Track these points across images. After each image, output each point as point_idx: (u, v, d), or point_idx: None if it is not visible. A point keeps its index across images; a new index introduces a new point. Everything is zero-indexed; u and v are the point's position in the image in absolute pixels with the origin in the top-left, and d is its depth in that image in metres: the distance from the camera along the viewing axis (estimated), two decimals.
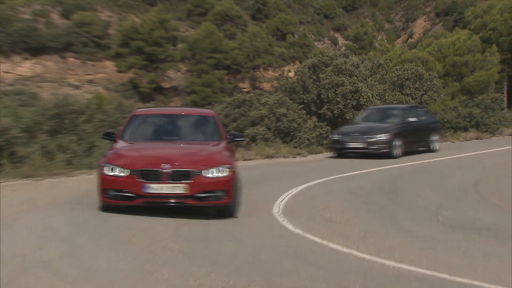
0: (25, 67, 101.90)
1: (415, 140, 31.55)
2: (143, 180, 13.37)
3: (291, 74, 46.38)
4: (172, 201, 13.62)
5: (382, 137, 29.07)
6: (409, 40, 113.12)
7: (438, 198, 18.66)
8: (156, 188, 13.39)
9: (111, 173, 13.57)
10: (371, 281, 9.36)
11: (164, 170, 13.50)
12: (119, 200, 13.57)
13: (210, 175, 13.78)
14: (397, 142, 29.20)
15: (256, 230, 12.81)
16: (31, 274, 8.66)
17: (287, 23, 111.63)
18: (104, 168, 13.69)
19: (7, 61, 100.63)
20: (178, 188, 13.52)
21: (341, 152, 30.16)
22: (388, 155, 28.88)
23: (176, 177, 13.56)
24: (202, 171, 13.75)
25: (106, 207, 13.81)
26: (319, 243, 11.83)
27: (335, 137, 30.48)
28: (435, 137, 33.04)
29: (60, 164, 20.74)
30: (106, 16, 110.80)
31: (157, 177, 13.48)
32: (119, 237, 11.22)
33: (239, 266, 9.73)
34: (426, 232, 13.72)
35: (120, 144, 15.46)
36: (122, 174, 13.50)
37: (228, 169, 14.04)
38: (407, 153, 30.02)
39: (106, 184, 13.63)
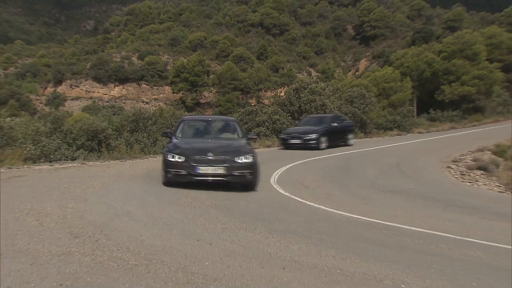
0: (116, 91, 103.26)
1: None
2: None
3: (282, 94, 46.40)
4: None
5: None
6: (356, 73, 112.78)
7: (374, 172, 18.62)
8: None
9: None
10: (333, 225, 9.35)
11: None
12: None
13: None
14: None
15: (259, 193, 12.72)
16: (119, 219, 8.65)
17: (279, 61, 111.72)
18: None
19: (105, 87, 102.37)
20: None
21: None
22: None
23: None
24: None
25: None
26: (300, 201, 11.78)
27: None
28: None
29: (137, 151, 20.74)
30: (166, 58, 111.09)
31: None
32: (173, 198, 11.15)
33: (249, 216, 9.69)
34: (367, 194, 13.70)
35: None
36: None
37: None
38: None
39: None
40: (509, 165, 21.19)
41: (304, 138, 27.43)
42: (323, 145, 27.85)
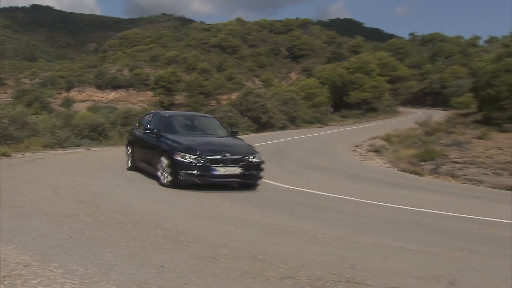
0: (111, 95, 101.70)
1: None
2: None
3: (235, 97, 46.09)
4: None
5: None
6: (289, 82, 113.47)
7: (301, 154, 18.74)
8: None
9: None
10: (272, 193, 9.36)
11: None
12: None
13: None
14: None
15: None
16: (113, 190, 8.52)
17: (232, 73, 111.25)
18: None
19: (103, 92, 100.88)
20: None
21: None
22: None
23: None
24: None
25: None
26: None
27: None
28: None
29: (126, 140, 20.34)
30: (148, 70, 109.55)
31: None
32: (134, 177, 10.99)
33: (210, 187, 9.56)
34: (296, 170, 13.78)
35: None
36: None
37: None
38: None
39: None
40: (393, 148, 21.73)
41: (242, 162, 9.17)
42: None
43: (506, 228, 7.41)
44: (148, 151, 10.31)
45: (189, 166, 8.78)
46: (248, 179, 9.33)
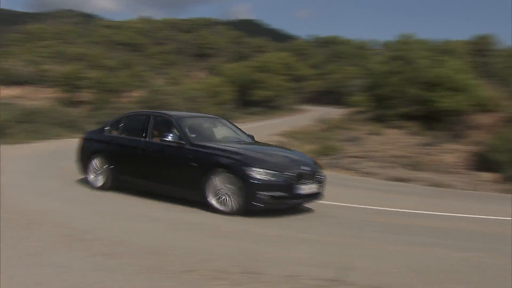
0: (15, 91, 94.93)
1: None
2: None
3: (142, 94, 45.05)
4: None
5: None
6: (195, 80, 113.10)
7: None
8: None
9: None
10: None
11: None
12: None
13: None
14: None
15: None
16: (16, 189, 8.02)
17: (139, 70, 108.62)
18: None
19: (7, 88, 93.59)
20: None
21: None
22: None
23: None
24: None
25: None
26: None
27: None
28: None
29: (30, 137, 19.14)
30: (53, 67, 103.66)
31: None
32: (58, 173, 10.45)
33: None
34: None
35: None
36: None
37: None
38: None
39: None
40: (294, 144, 22.39)
41: (317, 176, 7.52)
42: None
43: (395, 216, 7.96)
44: (165, 165, 7.65)
45: (270, 186, 6.62)
46: (318, 198, 7.59)
